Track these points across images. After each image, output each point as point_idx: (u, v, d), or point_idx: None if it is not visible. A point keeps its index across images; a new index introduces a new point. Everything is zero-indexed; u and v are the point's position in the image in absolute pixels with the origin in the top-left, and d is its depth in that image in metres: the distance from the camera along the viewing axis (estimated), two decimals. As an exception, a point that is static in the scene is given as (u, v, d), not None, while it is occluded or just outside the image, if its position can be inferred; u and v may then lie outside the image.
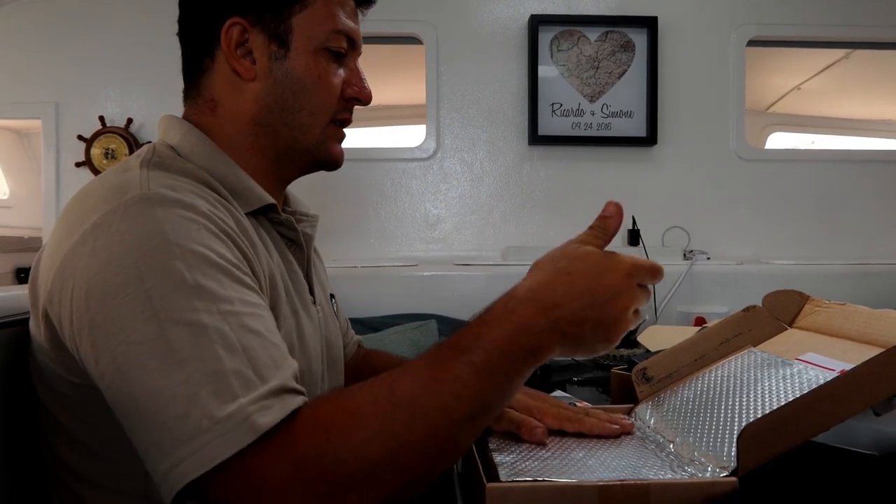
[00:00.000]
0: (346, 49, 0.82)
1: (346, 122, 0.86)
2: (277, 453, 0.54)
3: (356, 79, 0.84)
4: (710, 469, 0.68)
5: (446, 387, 0.58)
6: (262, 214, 0.80)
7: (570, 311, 0.61)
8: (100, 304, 0.60)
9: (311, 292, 0.87)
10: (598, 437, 0.79)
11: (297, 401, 0.58)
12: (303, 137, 0.82)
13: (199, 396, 0.55)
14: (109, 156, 2.00)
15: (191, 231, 0.62)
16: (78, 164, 2.03)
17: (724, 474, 0.66)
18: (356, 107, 0.87)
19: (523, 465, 0.71)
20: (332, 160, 0.86)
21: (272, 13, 0.78)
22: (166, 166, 0.71)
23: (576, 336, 0.62)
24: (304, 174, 0.88)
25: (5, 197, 2.72)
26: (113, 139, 2.01)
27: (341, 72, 0.83)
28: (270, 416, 0.55)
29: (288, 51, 0.79)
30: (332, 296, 0.99)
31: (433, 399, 0.58)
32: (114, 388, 0.59)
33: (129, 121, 2.02)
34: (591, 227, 0.67)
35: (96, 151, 2.01)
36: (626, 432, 0.80)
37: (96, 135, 2.01)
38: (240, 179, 0.77)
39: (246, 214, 0.76)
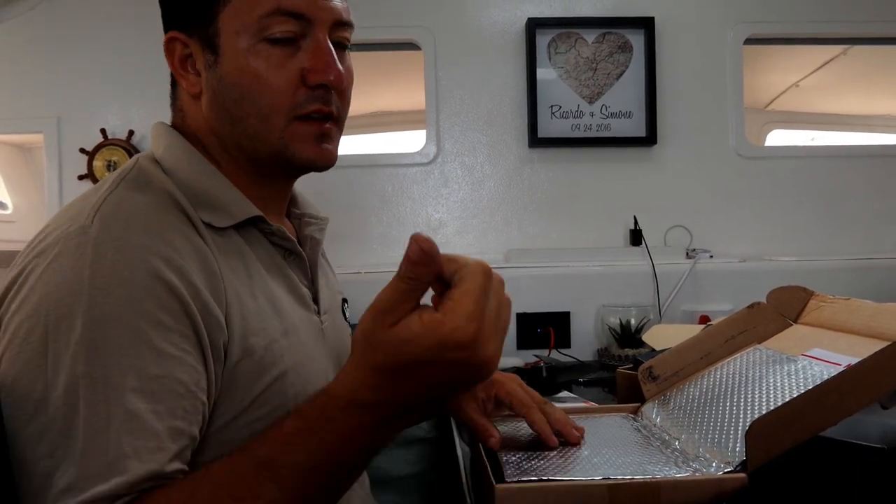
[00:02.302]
0: (294, 30, 0.70)
1: (321, 114, 0.73)
2: None
3: (317, 60, 0.71)
4: (714, 465, 0.68)
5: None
6: (251, 226, 0.74)
7: (406, 405, 0.54)
8: (8, 342, 0.60)
9: (316, 301, 0.81)
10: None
11: None
12: (262, 146, 0.72)
13: (50, 475, 0.55)
14: (111, 168, 2.01)
15: (112, 278, 0.59)
16: (80, 177, 2.04)
17: (729, 469, 0.66)
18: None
19: (529, 464, 0.71)
20: (304, 163, 0.74)
21: (199, 18, 0.71)
22: (141, 183, 0.68)
23: (427, 406, 0.56)
24: (294, 176, 0.81)
25: (8, 211, 2.73)
26: (115, 151, 2.02)
27: (298, 58, 0.71)
28: None
29: (217, 56, 0.71)
30: (344, 300, 0.93)
31: None
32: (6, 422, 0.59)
33: (131, 133, 2.03)
34: (399, 278, 0.52)
35: (98, 164, 2.02)
36: (571, 442, 0.76)
37: (98, 147, 2.02)
38: (223, 192, 0.72)
39: (232, 227, 0.72)
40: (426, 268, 0.52)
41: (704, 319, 1.73)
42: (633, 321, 1.75)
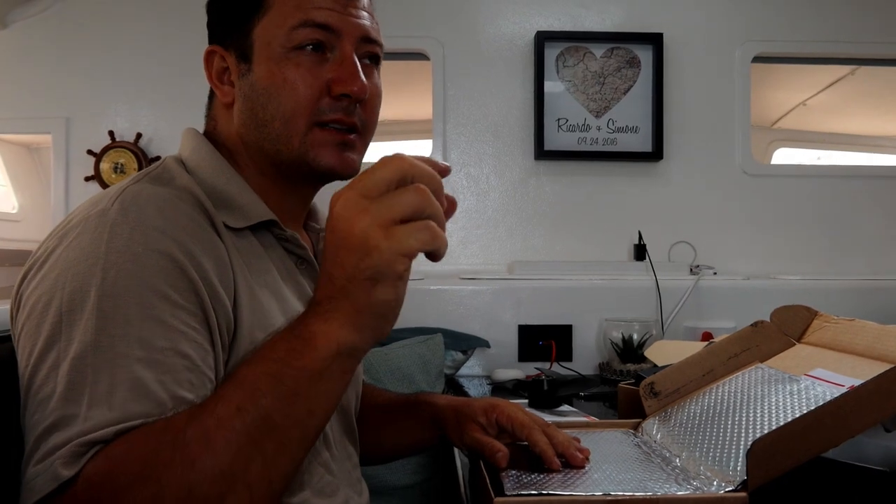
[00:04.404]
0: (322, 40, 0.74)
1: (341, 123, 0.76)
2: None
3: (343, 71, 0.74)
4: (715, 483, 0.67)
5: (238, 421, 0.55)
6: (265, 230, 0.77)
7: (337, 288, 0.56)
8: (27, 316, 0.62)
9: None
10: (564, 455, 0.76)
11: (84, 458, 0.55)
12: (284, 149, 0.76)
13: (47, 435, 0.56)
14: (118, 170, 2.02)
15: (125, 254, 0.61)
16: (87, 179, 2.05)
17: (730, 489, 0.65)
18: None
19: (529, 478, 0.71)
20: (325, 169, 0.76)
21: (236, 32, 0.77)
22: (164, 180, 0.71)
23: (367, 319, 0.56)
24: (316, 185, 0.83)
25: (14, 211, 2.74)
26: (122, 154, 2.03)
27: (325, 68, 0.75)
28: (71, 469, 0.54)
29: (250, 65, 0.76)
30: None
31: (220, 433, 0.54)
32: (21, 395, 0.61)
33: (139, 135, 2.04)
34: None
35: (105, 166, 2.03)
36: (576, 466, 0.74)
37: (106, 149, 2.03)
38: (241, 194, 0.75)
39: (248, 229, 0.74)
40: None
41: (707, 336, 1.72)
42: (635, 336, 1.74)
